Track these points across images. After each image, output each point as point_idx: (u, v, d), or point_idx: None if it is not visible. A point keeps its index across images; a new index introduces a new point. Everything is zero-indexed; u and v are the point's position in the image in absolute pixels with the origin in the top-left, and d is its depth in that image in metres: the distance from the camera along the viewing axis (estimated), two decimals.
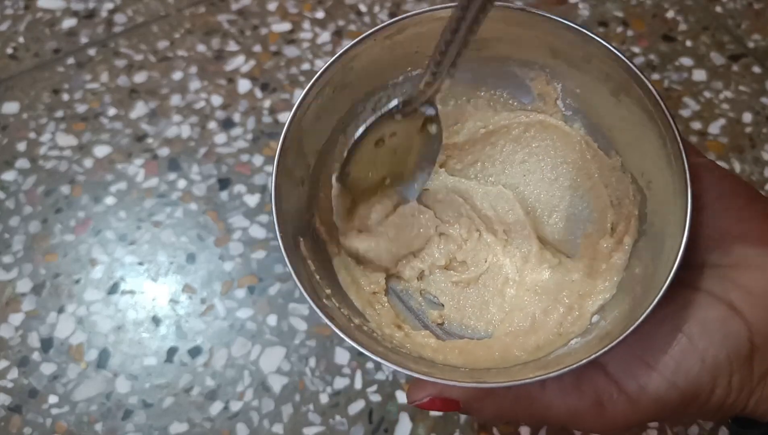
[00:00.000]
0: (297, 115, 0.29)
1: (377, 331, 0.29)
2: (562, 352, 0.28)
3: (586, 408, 0.26)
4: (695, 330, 0.25)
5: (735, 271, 0.26)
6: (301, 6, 0.60)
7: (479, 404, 0.27)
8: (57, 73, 0.56)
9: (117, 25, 0.59)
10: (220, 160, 0.51)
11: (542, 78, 0.32)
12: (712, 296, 0.26)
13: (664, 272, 0.25)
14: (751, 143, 0.52)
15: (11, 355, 0.44)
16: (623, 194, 0.30)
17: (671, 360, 0.25)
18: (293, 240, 0.28)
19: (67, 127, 0.53)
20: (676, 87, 0.55)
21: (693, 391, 0.25)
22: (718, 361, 0.25)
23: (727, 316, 0.25)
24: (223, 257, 0.47)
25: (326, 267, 0.31)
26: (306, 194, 0.31)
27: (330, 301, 0.28)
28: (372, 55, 0.30)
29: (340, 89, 0.31)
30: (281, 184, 0.28)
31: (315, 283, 0.29)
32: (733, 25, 0.59)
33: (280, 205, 0.28)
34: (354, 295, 0.31)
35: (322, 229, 0.31)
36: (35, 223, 0.49)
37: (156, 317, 0.45)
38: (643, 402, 0.25)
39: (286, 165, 0.29)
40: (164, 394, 0.42)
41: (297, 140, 0.29)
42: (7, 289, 0.46)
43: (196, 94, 0.55)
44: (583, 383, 0.26)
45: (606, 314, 0.29)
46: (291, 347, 0.44)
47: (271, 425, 0.41)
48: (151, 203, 0.49)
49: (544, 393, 0.27)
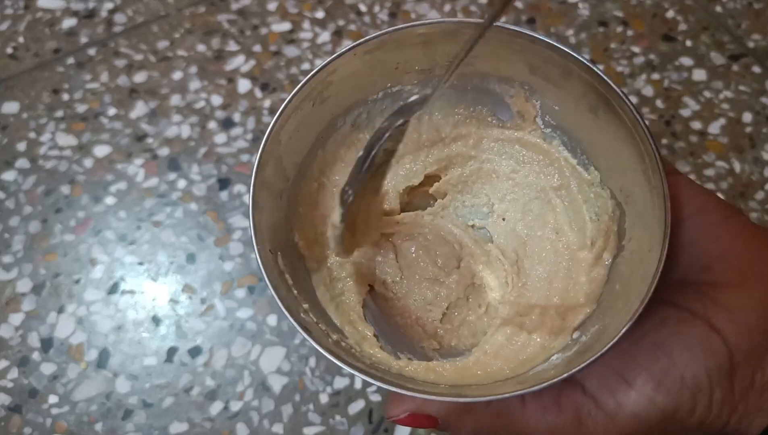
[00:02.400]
0: (276, 128, 0.29)
1: (355, 348, 0.29)
2: (542, 368, 0.28)
3: (565, 424, 0.26)
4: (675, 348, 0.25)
5: (713, 288, 0.26)
6: (301, 6, 0.60)
7: (458, 420, 0.27)
8: (57, 73, 0.56)
9: (117, 25, 0.59)
10: (220, 160, 0.51)
11: (521, 95, 0.32)
12: (691, 313, 0.26)
13: (643, 288, 0.25)
14: (751, 143, 0.52)
15: (11, 355, 0.44)
16: (602, 210, 0.30)
17: (650, 377, 0.25)
18: (271, 254, 0.28)
19: (67, 127, 0.53)
20: (676, 87, 0.55)
21: (673, 409, 0.25)
22: (698, 378, 0.25)
23: (706, 334, 0.25)
24: (223, 257, 0.47)
25: (304, 282, 0.31)
26: (285, 208, 0.31)
27: (307, 316, 0.28)
28: (352, 70, 0.30)
29: (320, 103, 0.31)
30: (259, 198, 0.28)
31: (292, 298, 0.28)
32: (733, 25, 0.59)
33: (258, 219, 0.28)
34: (333, 312, 0.31)
35: (302, 245, 0.31)
36: (35, 223, 0.49)
37: (156, 317, 0.45)
38: (621, 419, 0.25)
39: (265, 178, 0.28)
40: (164, 394, 0.42)
41: (275, 153, 0.29)
42: (7, 289, 0.46)
43: (196, 93, 0.55)
44: (562, 400, 0.26)
45: (586, 330, 0.29)
46: (291, 347, 0.44)
47: (271, 425, 0.41)
48: (151, 203, 0.49)
49: (524, 410, 0.27)
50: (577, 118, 0.31)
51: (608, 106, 0.28)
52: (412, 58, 0.31)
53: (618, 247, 0.29)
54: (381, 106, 0.33)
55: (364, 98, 0.32)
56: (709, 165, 0.51)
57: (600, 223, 0.30)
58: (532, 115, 0.32)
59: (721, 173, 0.51)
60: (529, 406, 0.27)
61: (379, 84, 0.32)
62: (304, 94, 0.29)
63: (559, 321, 0.30)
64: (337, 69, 0.30)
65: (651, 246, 0.26)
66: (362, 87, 0.32)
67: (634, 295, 0.25)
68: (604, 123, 0.29)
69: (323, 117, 0.32)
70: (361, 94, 0.32)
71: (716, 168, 0.51)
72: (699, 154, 0.52)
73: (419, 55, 0.31)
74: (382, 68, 0.31)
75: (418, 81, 0.32)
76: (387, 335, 0.31)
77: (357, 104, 0.32)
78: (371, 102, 0.33)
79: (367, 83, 0.32)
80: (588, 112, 0.30)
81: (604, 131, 0.29)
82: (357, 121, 0.33)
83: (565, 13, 0.59)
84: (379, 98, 0.33)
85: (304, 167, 0.32)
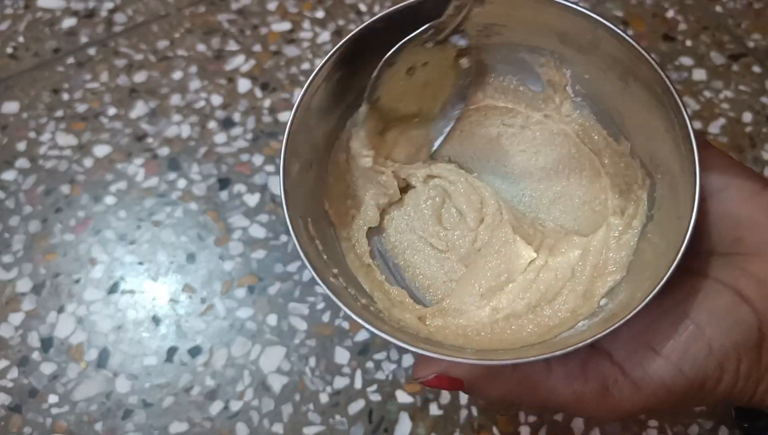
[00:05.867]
0: (306, 96, 0.28)
1: (384, 313, 0.29)
2: (568, 335, 0.28)
3: (590, 393, 0.26)
4: (703, 317, 0.25)
5: (744, 259, 0.26)
6: (301, 5, 0.60)
7: (484, 385, 0.27)
8: (57, 72, 0.56)
9: (117, 25, 0.59)
10: (220, 159, 0.51)
11: (551, 64, 0.32)
12: (720, 284, 0.25)
13: (672, 257, 0.24)
14: (751, 143, 0.52)
15: (11, 355, 0.44)
16: (632, 180, 0.30)
17: (678, 347, 0.25)
18: (301, 220, 0.28)
19: (67, 127, 0.53)
20: (676, 86, 0.55)
21: (700, 379, 0.25)
22: (726, 348, 0.25)
23: (735, 304, 0.25)
24: (223, 257, 0.47)
25: (334, 250, 0.31)
26: (314, 177, 0.31)
27: (337, 280, 0.28)
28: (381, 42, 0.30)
29: (350, 75, 0.30)
30: (289, 164, 0.28)
31: (322, 263, 0.28)
32: (733, 24, 0.59)
33: (289, 187, 0.28)
34: (363, 277, 0.31)
35: (332, 213, 0.31)
36: (35, 222, 0.49)
37: (156, 317, 0.45)
38: (648, 388, 0.25)
39: (295, 147, 0.28)
40: (164, 394, 0.42)
41: (305, 122, 0.29)
42: (7, 289, 0.46)
43: (196, 93, 0.55)
44: (588, 368, 0.26)
45: (614, 297, 0.29)
46: (291, 347, 0.44)
47: (271, 425, 0.41)
48: (151, 203, 0.49)
49: (549, 377, 0.27)
50: (608, 87, 0.30)
51: (638, 75, 0.28)
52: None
53: (647, 215, 0.29)
54: None
55: None
56: None
57: (630, 193, 0.30)
58: (563, 84, 0.32)
59: None
60: (555, 374, 0.27)
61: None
62: (334, 62, 0.29)
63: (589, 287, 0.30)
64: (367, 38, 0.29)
65: (681, 215, 0.25)
66: None
67: (662, 264, 0.25)
68: (635, 91, 0.29)
69: (353, 86, 0.31)
70: None
71: None
72: None
73: None
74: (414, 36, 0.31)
75: None
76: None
77: None
78: None
79: None
80: (618, 80, 0.29)
81: (634, 100, 0.29)
82: None
83: None
84: None
85: (333, 137, 0.32)
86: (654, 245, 0.28)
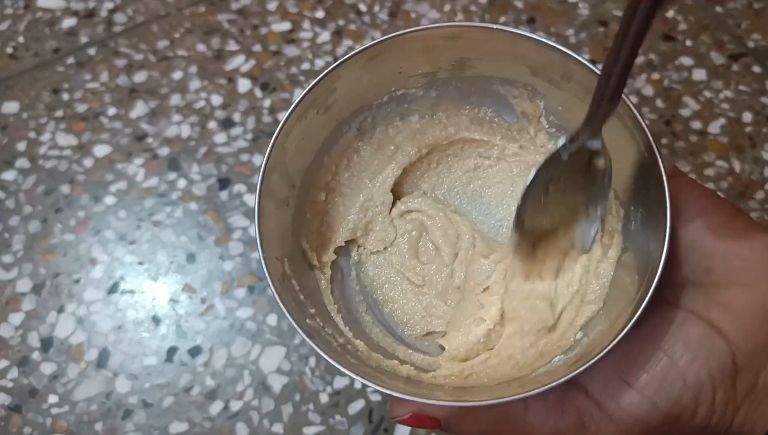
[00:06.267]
0: (280, 137, 0.29)
1: (363, 352, 0.29)
2: (544, 371, 0.28)
3: (568, 428, 0.26)
4: (677, 349, 0.25)
5: (716, 289, 0.26)
6: (301, 5, 0.60)
7: (460, 422, 0.27)
8: (57, 72, 0.56)
9: (117, 25, 0.59)
10: (220, 159, 0.51)
11: (525, 96, 0.32)
12: (693, 314, 0.25)
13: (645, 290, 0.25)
14: (751, 143, 0.52)
15: (11, 355, 0.44)
16: (606, 211, 0.30)
17: (652, 379, 0.25)
18: (277, 259, 0.28)
19: (67, 127, 0.53)
20: (676, 86, 0.55)
21: (675, 412, 0.25)
22: (700, 379, 0.25)
23: (708, 335, 0.25)
24: (223, 257, 0.47)
25: (311, 287, 0.31)
26: (291, 215, 0.31)
27: (313, 321, 0.28)
28: (355, 77, 0.30)
29: (324, 111, 0.31)
30: (265, 205, 0.28)
31: (299, 302, 0.28)
32: (733, 24, 0.59)
33: (265, 226, 0.28)
34: (341, 320, 0.31)
35: (309, 251, 0.31)
36: (35, 222, 0.49)
37: (156, 317, 0.45)
38: (624, 422, 0.25)
39: (270, 186, 0.29)
40: (164, 394, 0.42)
41: (281, 161, 0.29)
42: (7, 289, 0.46)
43: (196, 93, 0.55)
44: (565, 403, 0.26)
45: (589, 331, 0.29)
46: (291, 347, 0.44)
47: (271, 425, 0.41)
48: (151, 203, 0.49)
49: (526, 413, 0.27)
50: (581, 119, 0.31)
51: None
52: (415, 63, 0.31)
53: (623, 247, 0.29)
54: (386, 110, 0.33)
55: (369, 103, 0.32)
56: (709, 165, 0.51)
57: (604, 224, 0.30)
58: (537, 115, 0.32)
59: (721, 173, 0.51)
60: (531, 409, 0.26)
61: (384, 88, 0.32)
62: (308, 102, 0.29)
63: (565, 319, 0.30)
64: (341, 76, 0.30)
65: (653, 247, 0.26)
66: (366, 93, 0.32)
67: (636, 296, 0.25)
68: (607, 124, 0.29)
69: (328, 123, 0.32)
70: (365, 100, 0.32)
71: (716, 168, 0.51)
72: (699, 153, 0.52)
73: (421, 60, 0.31)
74: (385, 73, 0.31)
75: (422, 84, 0.32)
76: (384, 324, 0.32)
77: (362, 109, 0.32)
78: (376, 106, 0.33)
79: (371, 88, 0.32)
80: None
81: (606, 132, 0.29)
82: (362, 126, 0.33)
83: (565, 12, 0.59)
84: (384, 102, 0.33)
85: (311, 174, 0.32)
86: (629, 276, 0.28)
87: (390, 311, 0.33)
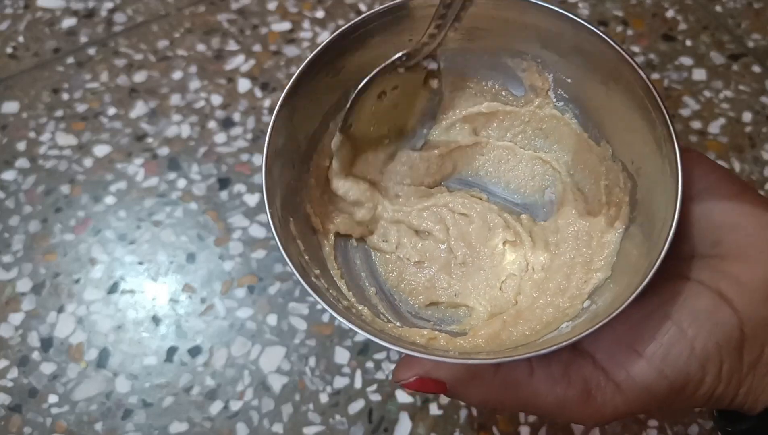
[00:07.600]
0: (289, 94, 0.28)
1: (366, 316, 0.29)
2: (552, 336, 0.28)
3: (573, 397, 0.26)
4: (684, 319, 0.25)
5: (725, 261, 0.26)
6: (300, 5, 0.60)
7: (466, 388, 0.27)
8: (57, 72, 0.56)
9: (117, 25, 0.59)
10: (220, 159, 0.51)
11: (533, 69, 0.32)
12: (701, 285, 0.26)
13: (653, 259, 0.25)
14: (751, 143, 0.52)
15: (11, 355, 0.44)
16: (613, 183, 0.30)
17: (660, 348, 0.25)
18: (283, 218, 0.28)
19: (67, 127, 0.53)
20: (676, 86, 0.55)
21: (682, 380, 0.25)
22: (708, 349, 0.25)
23: (716, 305, 0.25)
24: (223, 257, 0.47)
25: (316, 251, 0.31)
26: (297, 177, 0.31)
27: (319, 281, 0.28)
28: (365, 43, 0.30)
29: (333, 74, 0.30)
30: (272, 163, 0.28)
31: (304, 263, 0.28)
32: (733, 24, 0.59)
33: (270, 184, 0.27)
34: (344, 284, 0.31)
35: (312, 215, 0.31)
36: (35, 222, 0.49)
37: (156, 317, 0.45)
38: (631, 391, 0.25)
39: (277, 144, 0.28)
40: (164, 394, 0.42)
41: (288, 121, 0.29)
42: (7, 289, 0.46)
43: (196, 93, 0.55)
44: (571, 372, 0.26)
45: (597, 299, 0.29)
46: (291, 347, 0.44)
47: (271, 425, 0.41)
48: (150, 203, 0.49)
49: (531, 380, 0.26)
50: (589, 91, 0.31)
51: (620, 78, 0.28)
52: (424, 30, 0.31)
53: (630, 217, 0.29)
54: None
55: None
56: None
57: (611, 195, 0.30)
58: (545, 88, 0.32)
59: None
60: (537, 377, 0.26)
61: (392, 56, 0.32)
62: (318, 63, 0.29)
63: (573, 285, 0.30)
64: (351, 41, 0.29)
65: (662, 217, 0.26)
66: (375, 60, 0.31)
67: (645, 266, 0.25)
68: (616, 94, 0.29)
69: (336, 88, 0.31)
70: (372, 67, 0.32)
71: None
72: None
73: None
74: (395, 40, 0.31)
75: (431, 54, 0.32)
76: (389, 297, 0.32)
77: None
78: None
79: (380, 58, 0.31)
80: (600, 84, 0.30)
81: (615, 103, 0.29)
82: None
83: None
84: None
85: (316, 139, 0.32)
86: (637, 247, 0.28)
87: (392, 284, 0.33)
